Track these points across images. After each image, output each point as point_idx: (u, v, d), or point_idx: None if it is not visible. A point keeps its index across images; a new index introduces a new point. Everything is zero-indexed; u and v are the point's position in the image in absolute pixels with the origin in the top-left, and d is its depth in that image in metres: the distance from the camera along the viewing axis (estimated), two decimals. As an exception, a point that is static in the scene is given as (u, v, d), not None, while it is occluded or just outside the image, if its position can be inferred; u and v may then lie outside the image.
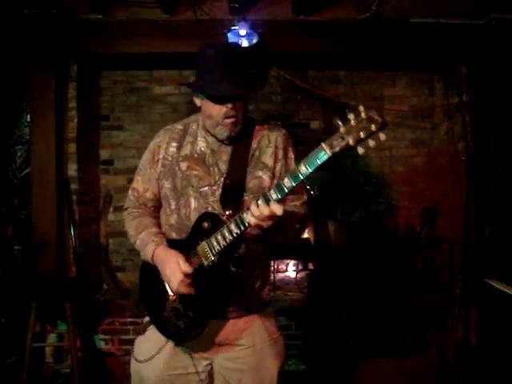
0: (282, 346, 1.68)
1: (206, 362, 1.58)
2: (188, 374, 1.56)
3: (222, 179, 1.55)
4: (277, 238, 1.56)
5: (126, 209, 1.73)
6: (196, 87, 1.55)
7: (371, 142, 1.19)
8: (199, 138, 1.61)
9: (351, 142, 1.19)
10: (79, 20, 3.17)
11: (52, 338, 3.15)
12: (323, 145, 1.22)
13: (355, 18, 3.22)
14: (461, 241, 3.24)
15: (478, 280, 2.80)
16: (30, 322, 2.75)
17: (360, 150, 1.21)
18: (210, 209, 1.53)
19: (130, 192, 1.72)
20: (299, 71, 3.78)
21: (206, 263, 1.46)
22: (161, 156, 1.62)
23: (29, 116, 3.26)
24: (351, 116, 1.19)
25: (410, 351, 3.24)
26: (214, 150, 1.59)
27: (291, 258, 3.95)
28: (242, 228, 1.38)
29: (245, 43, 3.07)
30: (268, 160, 1.60)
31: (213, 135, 1.58)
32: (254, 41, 3.07)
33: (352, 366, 3.18)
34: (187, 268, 1.44)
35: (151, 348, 1.56)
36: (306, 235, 4.04)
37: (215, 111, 1.49)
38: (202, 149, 1.60)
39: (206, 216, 1.50)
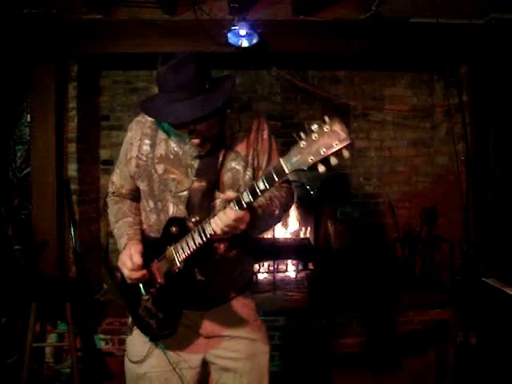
0: (265, 330, 1.70)
1: (198, 357, 1.57)
2: (181, 369, 1.55)
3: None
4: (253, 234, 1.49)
5: (106, 194, 1.73)
6: (149, 111, 1.40)
7: (333, 160, 1.09)
8: (172, 137, 1.51)
9: (310, 160, 1.10)
10: (79, 20, 3.17)
11: (52, 337, 3.15)
12: (281, 160, 1.15)
13: (355, 18, 3.22)
14: (461, 241, 3.24)
15: (478, 280, 2.80)
16: (30, 322, 2.75)
17: (320, 169, 1.11)
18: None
19: (109, 184, 1.70)
20: (299, 71, 3.78)
21: (172, 269, 1.44)
22: (134, 154, 1.53)
23: (29, 116, 3.26)
24: (315, 128, 1.10)
25: (410, 351, 3.24)
26: (187, 150, 1.50)
27: (291, 258, 3.95)
28: (204, 238, 1.34)
29: (245, 43, 3.07)
30: (240, 147, 1.50)
31: None
32: (254, 41, 3.07)
33: (352, 366, 3.18)
34: (137, 259, 1.44)
35: (142, 348, 1.56)
36: (306, 235, 4.05)
37: (181, 131, 1.40)
38: (176, 149, 1.50)
39: (173, 221, 1.45)
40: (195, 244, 1.36)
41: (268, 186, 1.19)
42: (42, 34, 3.12)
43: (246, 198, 1.23)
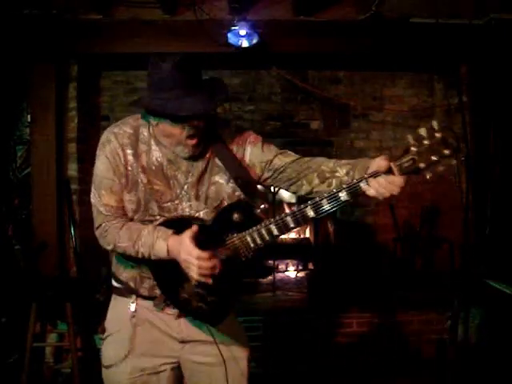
0: (244, 333, 1.66)
1: (173, 360, 1.54)
2: (157, 372, 1.51)
3: (184, 192, 1.46)
4: None
5: (98, 227, 1.52)
6: (155, 108, 1.36)
7: (440, 168, 1.12)
8: (153, 147, 1.46)
9: (422, 165, 1.13)
10: (79, 20, 3.18)
11: (52, 337, 3.15)
12: (392, 164, 1.18)
13: (355, 18, 3.22)
14: (461, 241, 3.24)
15: (478, 280, 2.80)
16: (31, 322, 2.74)
17: (428, 175, 1.14)
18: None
19: (100, 209, 1.49)
20: (299, 71, 3.78)
21: (238, 258, 1.39)
22: (121, 165, 1.46)
23: (29, 116, 3.26)
24: (424, 133, 1.12)
25: (410, 351, 3.24)
26: (171, 160, 1.47)
27: (291, 258, 3.95)
28: (284, 231, 1.33)
29: (245, 43, 3.07)
30: (222, 160, 1.50)
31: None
32: (254, 41, 3.07)
33: (352, 366, 3.18)
34: (204, 254, 1.31)
35: (116, 353, 1.53)
36: (306, 235, 4.05)
37: (176, 131, 1.37)
38: (159, 159, 1.46)
39: (236, 206, 1.42)
40: (272, 236, 1.34)
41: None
42: (42, 34, 3.12)
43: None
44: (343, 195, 1.24)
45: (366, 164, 1.30)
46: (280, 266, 3.94)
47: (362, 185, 1.22)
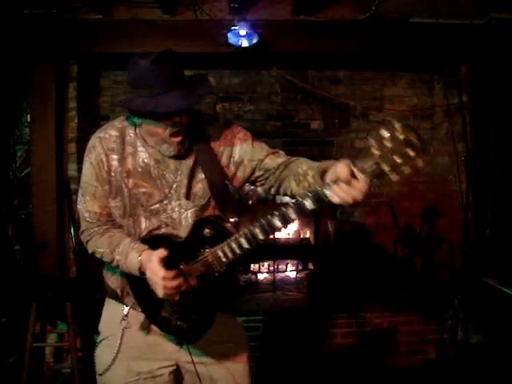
0: (245, 333, 1.66)
1: (170, 363, 1.52)
2: (154, 376, 1.50)
3: (173, 191, 1.45)
4: None
5: (82, 232, 1.55)
6: (135, 108, 1.34)
7: (407, 169, 1.05)
8: (139, 149, 1.45)
9: (386, 168, 1.06)
10: (79, 20, 3.17)
11: (52, 337, 3.15)
12: (354, 169, 1.12)
13: (355, 18, 3.22)
14: (461, 241, 3.24)
15: (478, 280, 2.80)
16: (30, 322, 2.75)
17: (394, 178, 1.07)
18: (162, 226, 1.44)
19: (85, 215, 1.51)
20: (299, 71, 3.78)
21: (211, 273, 1.39)
22: (104, 172, 1.45)
23: (29, 116, 3.26)
24: (386, 135, 1.06)
25: (410, 351, 3.25)
26: (158, 159, 1.45)
27: (291, 258, 3.95)
28: (254, 244, 1.31)
29: (245, 43, 3.07)
30: (209, 157, 1.49)
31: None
32: (254, 41, 3.07)
33: (352, 365, 3.18)
34: (169, 273, 1.31)
35: (107, 358, 1.51)
36: (306, 235, 4.05)
37: (159, 130, 1.36)
38: (146, 160, 1.45)
39: (206, 221, 1.41)
40: (242, 249, 1.33)
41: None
42: (42, 34, 3.12)
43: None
44: (308, 203, 1.21)
45: (329, 167, 1.25)
46: (280, 266, 3.94)
47: (326, 191, 1.18)
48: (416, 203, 3.85)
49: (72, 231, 3.23)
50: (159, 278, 1.32)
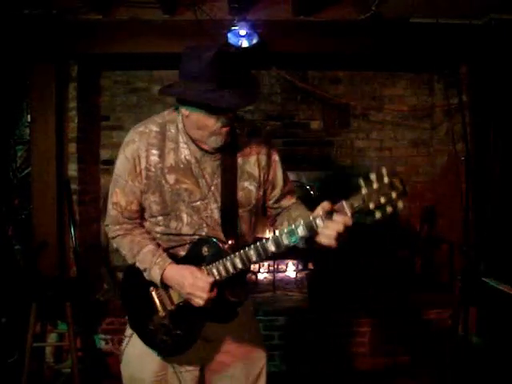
0: (261, 334, 1.73)
1: (196, 360, 1.57)
2: (181, 372, 1.55)
3: (211, 193, 1.48)
4: None
5: (107, 225, 1.60)
6: (193, 97, 1.33)
7: (389, 209, 1.21)
8: (181, 145, 1.47)
9: (371, 206, 1.22)
10: (79, 20, 3.17)
11: (52, 337, 3.15)
12: (344, 202, 1.26)
13: (355, 18, 3.22)
14: (461, 241, 3.24)
15: (478, 280, 2.80)
16: (31, 322, 2.75)
17: (377, 215, 1.23)
18: (204, 225, 1.48)
19: (110, 207, 1.56)
20: (299, 71, 3.78)
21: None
22: (143, 166, 1.46)
23: (29, 116, 3.26)
24: (373, 178, 1.21)
25: (409, 351, 3.24)
26: (198, 158, 1.47)
27: (291, 258, 3.95)
28: (248, 264, 1.39)
29: (245, 43, 3.07)
30: (252, 168, 1.53)
31: (196, 144, 1.46)
32: (254, 41, 3.07)
33: (352, 365, 3.18)
34: (210, 278, 1.40)
35: (142, 350, 1.55)
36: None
37: (211, 122, 1.37)
38: (187, 157, 1.46)
39: (204, 242, 1.45)
40: (235, 269, 1.39)
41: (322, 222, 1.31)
42: (42, 35, 3.12)
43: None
44: (300, 230, 1.32)
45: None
46: (280, 266, 3.94)
47: (318, 221, 1.30)
48: (416, 203, 3.85)
49: (72, 231, 3.23)
50: (205, 283, 1.39)
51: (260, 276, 3.87)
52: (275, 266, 3.85)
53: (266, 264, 3.92)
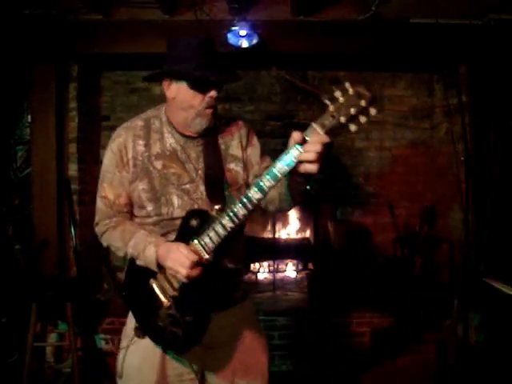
0: (266, 337, 1.71)
1: (197, 367, 1.53)
2: (182, 380, 1.52)
3: (198, 176, 1.51)
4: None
5: (97, 223, 1.60)
6: (183, 69, 1.43)
7: (362, 118, 1.17)
8: (166, 134, 1.53)
9: (342, 119, 1.17)
10: (80, 20, 3.18)
11: (53, 337, 3.15)
12: (314, 124, 1.21)
13: (355, 18, 3.22)
14: (461, 240, 3.24)
15: (478, 280, 2.80)
16: (31, 322, 2.75)
17: (352, 128, 1.19)
18: (195, 206, 1.48)
19: (99, 202, 1.57)
20: (299, 71, 3.78)
21: (202, 262, 1.39)
22: (130, 156, 1.51)
23: (29, 116, 3.27)
24: (338, 93, 1.17)
25: (409, 351, 3.25)
26: (182, 145, 1.52)
27: (291, 258, 3.95)
28: (237, 221, 1.33)
29: (244, 44, 3.07)
30: (235, 151, 1.58)
31: (179, 132, 1.52)
32: (254, 41, 3.08)
33: (352, 365, 3.18)
34: (192, 256, 1.36)
35: (140, 361, 1.52)
36: (306, 235, 4.05)
37: (197, 101, 1.44)
38: (173, 145, 1.52)
39: (192, 213, 1.44)
40: (225, 229, 1.35)
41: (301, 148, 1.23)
42: (42, 35, 3.13)
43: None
44: (279, 167, 1.25)
45: None
46: (280, 266, 3.94)
47: (293, 151, 1.23)
48: (415, 203, 3.85)
49: (72, 231, 3.24)
50: (185, 259, 1.35)
51: (260, 276, 3.87)
52: (275, 266, 3.86)
53: (265, 264, 3.93)
